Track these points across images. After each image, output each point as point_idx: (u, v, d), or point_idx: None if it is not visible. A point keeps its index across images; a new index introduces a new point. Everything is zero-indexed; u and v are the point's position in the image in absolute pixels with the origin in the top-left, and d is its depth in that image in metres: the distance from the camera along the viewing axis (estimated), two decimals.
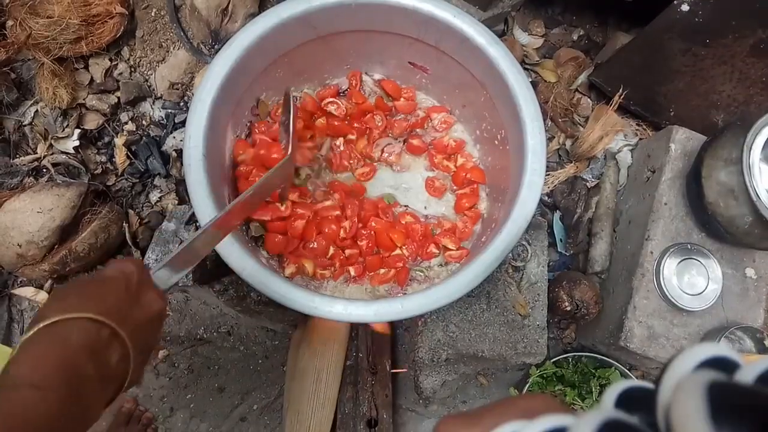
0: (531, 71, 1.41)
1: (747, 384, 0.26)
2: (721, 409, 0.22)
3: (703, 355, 0.29)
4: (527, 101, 0.94)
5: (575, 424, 0.28)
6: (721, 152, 1.05)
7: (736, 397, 0.24)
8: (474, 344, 1.11)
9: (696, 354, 0.29)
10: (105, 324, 0.50)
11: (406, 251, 1.04)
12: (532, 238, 1.18)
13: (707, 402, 0.23)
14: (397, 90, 1.13)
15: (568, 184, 1.31)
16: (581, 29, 1.44)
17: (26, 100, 1.26)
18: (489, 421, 0.37)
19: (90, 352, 0.47)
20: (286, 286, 0.85)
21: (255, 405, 1.29)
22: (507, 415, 0.37)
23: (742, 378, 0.27)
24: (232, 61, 0.92)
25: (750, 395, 0.24)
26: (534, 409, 0.36)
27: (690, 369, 0.28)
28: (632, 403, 0.32)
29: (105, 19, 1.22)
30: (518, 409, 0.37)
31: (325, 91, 1.12)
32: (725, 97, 1.23)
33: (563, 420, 0.32)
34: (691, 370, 0.28)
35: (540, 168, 0.93)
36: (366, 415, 1.18)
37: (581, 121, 1.38)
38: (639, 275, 1.14)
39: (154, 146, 1.25)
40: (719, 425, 0.22)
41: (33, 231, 1.10)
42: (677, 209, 1.16)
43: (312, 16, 0.96)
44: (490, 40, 0.95)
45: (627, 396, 0.32)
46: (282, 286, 0.85)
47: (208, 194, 0.87)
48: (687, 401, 0.24)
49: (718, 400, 0.23)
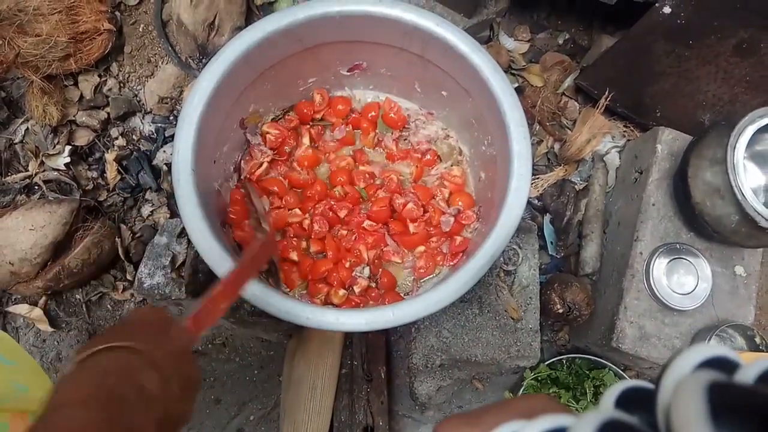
0: (518, 76, 1.42)
1: (747, 384, 0.26)
2: (722, 410, 0.23)
3: (702, 356, 0.29)
4: (512, 107, 0.95)
5: (575, 424, 0.28)
6: (707, 152, 1.06)
7: (737, 398, 0.24)
8: (467, 349, 1.11)
9: (696, 354, 0.29)
10: (137, 350, 0.51)
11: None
12: (522, 242, 1.19)
13: (707, 402, 0.23)
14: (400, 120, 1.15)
15: (557, 187, 1.32)
16: (566, 33, 1.45)
17: (17, 118, 1.26)
18: (488, 421, 0.37)
19: (126, 376, 0.48)
20: (278, 298, 0.85)
21: (252, 416, 1.29)
22: (506, 415, 0.37)
23: (742, 378, 0.27)
24: (219, 76, 0.93)
25: (750, 395, 0.24)
26: (533, 409, 0.36)
27: (690, 369, 0.29)
28: (632, 404, 0.32)
29: (93, 36, 1.23)
30: (518, 409, 0.38)
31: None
32: (710, 96, 1.24)
33: (562, 420, 0.32)
34: (691, 370, 0.29)
35: (526, 173, 0.94)
36: (362, 422, 1.18)
37: (569, 125, 1.39)
38: (629, 276, 1.15)
39: (144, 161, 1.26)
40: (719, 425, 0.22)
41: (26, 248, 1.10)
42: (665, 209, 1.17)
43: (297, 28, 0.97)
44: (473, 48, 0.96)
45: (627, 396, 0.33)
46: (274, 298, 0.85)
47: (197, 209, 0.88)
48: (687, 402, 0.24)
49: (719, 401, 0.23)
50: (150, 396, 0.49)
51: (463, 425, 0.38)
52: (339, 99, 1.16)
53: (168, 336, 0.56)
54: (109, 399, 0.46)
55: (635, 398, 0.32)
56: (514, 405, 0.38)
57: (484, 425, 0.37)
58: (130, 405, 0.47)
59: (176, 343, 0.56)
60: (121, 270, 1.25)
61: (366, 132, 1.15)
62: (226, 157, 1.06)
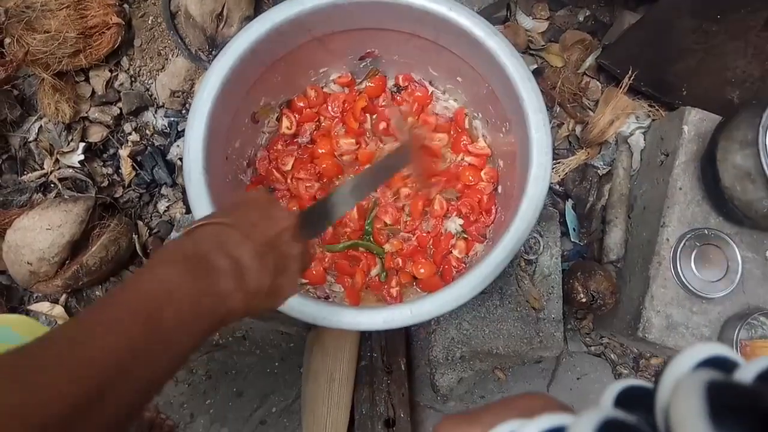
0: (537, 57, 1.37)
1: (746, 383, 0.26)
2: (721, 409, 0.23)
3: (702, 355, 0.29)
4: (529, 93, 0.91)
5: (574, 423, 0.28)
6: (736, 134, 1.01)
7: (736, 397, 0.24)
8: (488, 341, 1.09)
9: (695, 353, 0.29)
10: (235, 228, 0.52)
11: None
12: (543, 230, 1.16)
13: (706, 401, 0.23)
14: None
15: (579, 172, 1.28)
16: (587, 10, 1.39)
17: (30, 116, 1.26)
18: (488, 420, 0.37)
19: (218, 246, 0.50)
20: (295, 299, 0.84)
21: (274, 408, 1.29)
22: (506, 415, 0.37)
23: (741, 377, 0.27)
24: (227, 70, 0.91)
25: (749, 394, 0.24)
26: (533, 408, 0.36)
27: (689, 368, 0.29)
28: (631, 403, 0.32)
29: (102, 30, 1.22)
30: (517, 408, 0.38)
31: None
32: (740, 73, 1.18)
33: (562, 419, 0.32)
34: (690, 369, 0.29)
35: (546, 161, 0.90)
36: (383, 415, 1.17)
37: (591, 106, 1.34)
38: (656, 263, 1.11)
39: (158, 156, 1.25)
40: (719, 425, 0.22)
41: (43, 248, 1.11)
42: (693, 193, 1.12)
43: (306, 18, 0.94)
44: (488, 32, 0.92)
45: (626, 395, 0.33)
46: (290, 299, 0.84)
47: (210, 208, 0.87)
48: (686, 401, 0.24)
49: (718, 400, 0.23)
50: (242, 267, 0.50)
51: (462, 424, 0.38)
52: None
53: (269, 216, 0.57)
54: (198, 262, 0.47)
55: (634, 397, 0.32)
56: (513, 404, 0.39)
57: (483, 424, 0.37)
58: (218, 271, 0.48)
59: (276, 222, 0.57)
60: (140, 266, 1.25)
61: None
62: (239, 152, 1.04)
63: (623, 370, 1.30)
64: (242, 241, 0.51)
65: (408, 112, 1.10)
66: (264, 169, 1.10)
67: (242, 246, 0.51)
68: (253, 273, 0.51)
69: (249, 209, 0.57)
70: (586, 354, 1.31)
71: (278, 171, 1.10)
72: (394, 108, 1.09)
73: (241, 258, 0.50)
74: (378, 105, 1.14)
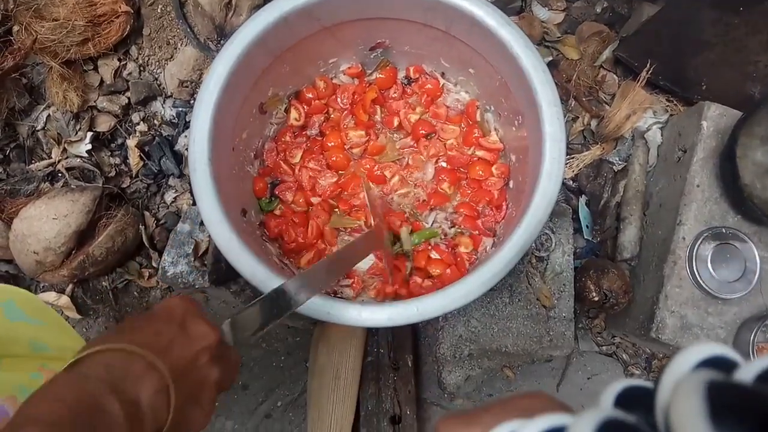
0: (552, 48, 1.34)
1: (746, 383, 0.26)
2: (721, 409, 0.23)
3: (701, 355, 0.29)
4: (544, 86, 0.88)
5: (574, 423, 0.28)
6: (758, 129, 0.98)
7: (736, 397, 0.24)
8: (497, 339, 1.07)
9: (695, 353, 0.29)
10: (137, 354, 0.46)
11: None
12: (556, 226, 1.13)
13: (706, 402, 0.23)
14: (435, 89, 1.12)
15: (594, 168, 1.25)
16: (604, 1, 1.36)
17: (38, 105, 1.25)
18: (487, 420, 0.37)
19: (114, 385, 0.43)
20: None
21: (279, 402, 1.28)
22: (505, 415, 0.37)
23: (742, 377, 0.27)
24: (234, 60, 0.89)
25: (749, 395, 0.24)
26: (533, 408, 0.36)
27: (689, 369, 0.29)
28: (631, 403, 0.32)
29: (111, 19, 1.21)
30: (517, 408, 0.37)
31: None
32: (762, 67, 1.15)
33: (562, 419, 0.32)
34: (690, 369, 0.29)
35: (559, 156, 0.87)
36: (389, 411, 1.16)
37: (607, 99, 1.31)
38: (671, 262, 1.08)
39: (166, 146, 1.24)
40: (719, 425, 0.22)
41: (50, 238, 1.10)
42: (711, 191, 1.09)
43: (314, 6, 0.92)
44: (501, 22, 0.90)
45: (626, 395, 0.33)
46: None
47: (215, 201, 0.85)
48: (686, 401, 0.24)
49: (718, 400, 0.23)
50: (140, 410, 0.44)
51: (462, 424, 0.38)
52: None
53: (186, 335, 0.51)
54: (83, 412, 0.41)
55: (634, 397, 0.32)
56: (513, 404, 0.38)
57: (483, 424, 0.37)
58: (108, 420, 0.42)
59: (195, 342, 0.51)
60: (146, 257, 1.25)
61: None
62: (246, 143, 1.02)
63: (635, 371, 1.27)
64: (145, 372, 0.45)
65: (382, 197, 1.08)
66: (272, 161, 1.08)
67: (144, 380, 0.45)
68: (155, 413, 0.45)
69: (162, 324, 0.50)
70: (597, 354, 1.28)
71: (286, 163, 1.08)
72: (372, 191, 1.06)
73: (140, 397, 0.44)
74: (388, 97, 1.12)
